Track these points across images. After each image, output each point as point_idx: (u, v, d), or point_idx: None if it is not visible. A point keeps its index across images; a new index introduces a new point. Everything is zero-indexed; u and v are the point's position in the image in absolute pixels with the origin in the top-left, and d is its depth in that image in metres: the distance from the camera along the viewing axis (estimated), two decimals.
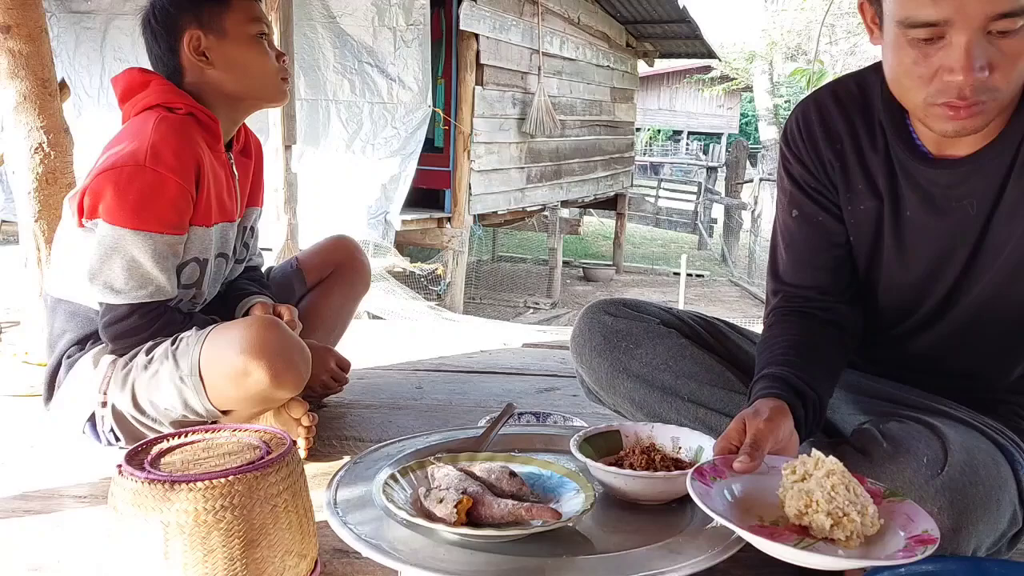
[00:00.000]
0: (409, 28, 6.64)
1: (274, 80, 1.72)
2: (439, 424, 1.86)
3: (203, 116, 1.65)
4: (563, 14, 9.04)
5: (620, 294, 10.86)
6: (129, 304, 1.57)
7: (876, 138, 1.29)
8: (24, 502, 1.50)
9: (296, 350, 1.53)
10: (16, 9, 2.32)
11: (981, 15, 1.03)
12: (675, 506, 1.20)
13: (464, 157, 7.55)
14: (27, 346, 2.41)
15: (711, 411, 1.41)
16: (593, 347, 1.51)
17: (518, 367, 2.50)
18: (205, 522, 1.04)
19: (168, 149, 1.55)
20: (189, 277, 1.66)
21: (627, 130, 11.98)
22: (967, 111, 1.08)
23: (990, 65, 1.05)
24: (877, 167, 1.30)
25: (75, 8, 6.92)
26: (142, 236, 1.54)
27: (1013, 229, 1.20)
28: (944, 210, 1.24)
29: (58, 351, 1.68)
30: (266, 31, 1.71)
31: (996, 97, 1.08)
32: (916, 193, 1.26)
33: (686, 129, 29.59)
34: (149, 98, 1.64)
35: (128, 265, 1.54)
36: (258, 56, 1.69)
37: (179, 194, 1.56)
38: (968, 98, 1.07)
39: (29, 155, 2.37)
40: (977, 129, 1.12)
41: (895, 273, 1.33)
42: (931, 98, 1.10)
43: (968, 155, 1.20)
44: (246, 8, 1.68)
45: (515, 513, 1.07)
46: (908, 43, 1.09)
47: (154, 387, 1.54)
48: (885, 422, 1.22)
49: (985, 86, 1.06)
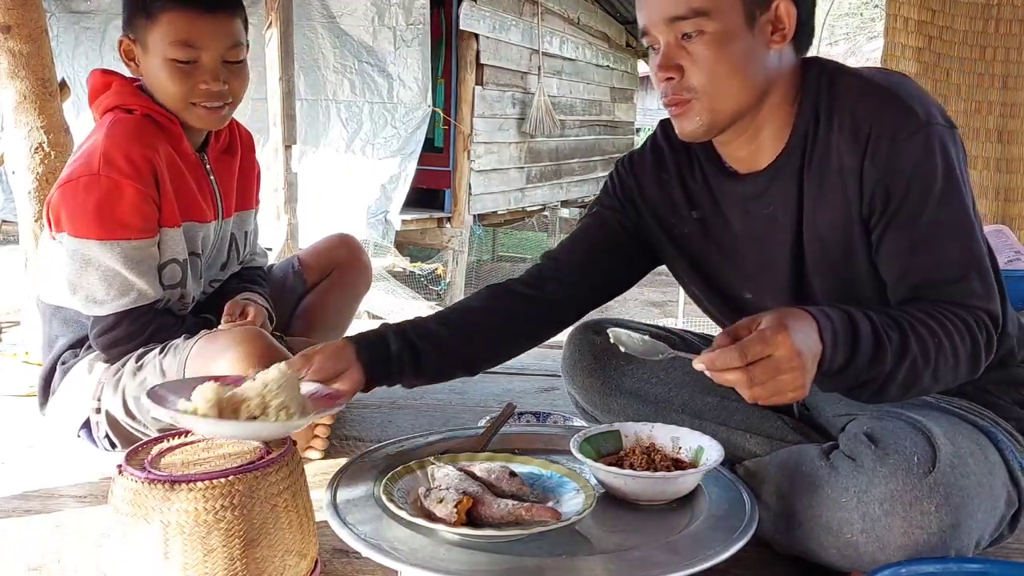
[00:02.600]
0: (409, 28, 6.64)
1: (182, 105, 1.61)
2: (439, 424, 1.86)
3: (160, 117, 1.62)
4: (563, 14, 9.04)
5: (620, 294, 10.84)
6: (115, 313, 1.57)
7: (694, 166, 1.40)
8: (24, 502, 1.50)
9: (280, 358, 1.52)
10: (16, 9, 2.32)
11: (657, 19, 1.19)
12: (675, 506, 1.20)
13: (464, 157, 7.55)
14: (27, 346, 2.41)
15: (705, 421, 1.42)
16: (584, 367, 1.52)
17: (518, 367, 2.50)
18: (205, 522, 1.04)
19: (119, 154, 1.53)
20: (171, 278, 1.65)
21: (627, 130, 11.98)
22: (676, 108, 1.23)
23: (678, 67, 1.20)
24: (698, 192, 1.40)
25: (75, 8, 6.92)
26: (109, 245, 1.52)
27: (820, 223, 1.25)
28: (757, 218, 1.32)
29: (52, 356, 1.68)
30: (193, 55, 1.58)
31: (698, 97, 1.21)
32: (734, 208, 1.35)
33: None
34: (109, 99, 1.63)
35: (104, 275, 1.54)
36: (168, 79, 1.59)
37: (138, 198, 1.54)
38: (669, 95, 1.22)
39: (29, 155, 2.37)
40: (699, 128, 1.24)
41: (737, 284, 1.40)
42: (662, 100, 1.25)
43: (767, 166, 1.29)
44: (171, 29, 1.56)
45: (515, 513, 1.07)
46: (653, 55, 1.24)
47: (141, 392, 1.53)
48: (867, 422, 1.22)
49: (683, 86, 1.20)
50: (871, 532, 1.09)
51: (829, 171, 1.23)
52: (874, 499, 1.09)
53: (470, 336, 1.42)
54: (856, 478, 1.12)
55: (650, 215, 1.46)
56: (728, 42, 1.18)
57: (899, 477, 1.09)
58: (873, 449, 1.14)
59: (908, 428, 1.16)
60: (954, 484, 1.08)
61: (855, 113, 1.20)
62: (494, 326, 1.44)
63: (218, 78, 1.60)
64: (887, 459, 1.11)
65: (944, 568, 1.07)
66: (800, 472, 1.20)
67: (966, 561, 1.09)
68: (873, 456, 1.12)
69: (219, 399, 1.09)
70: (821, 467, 1.17)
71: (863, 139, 1.18)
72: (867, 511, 1.09)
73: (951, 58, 4.05)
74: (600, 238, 1.49)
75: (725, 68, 1.19)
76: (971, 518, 1.09)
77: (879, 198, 1.19)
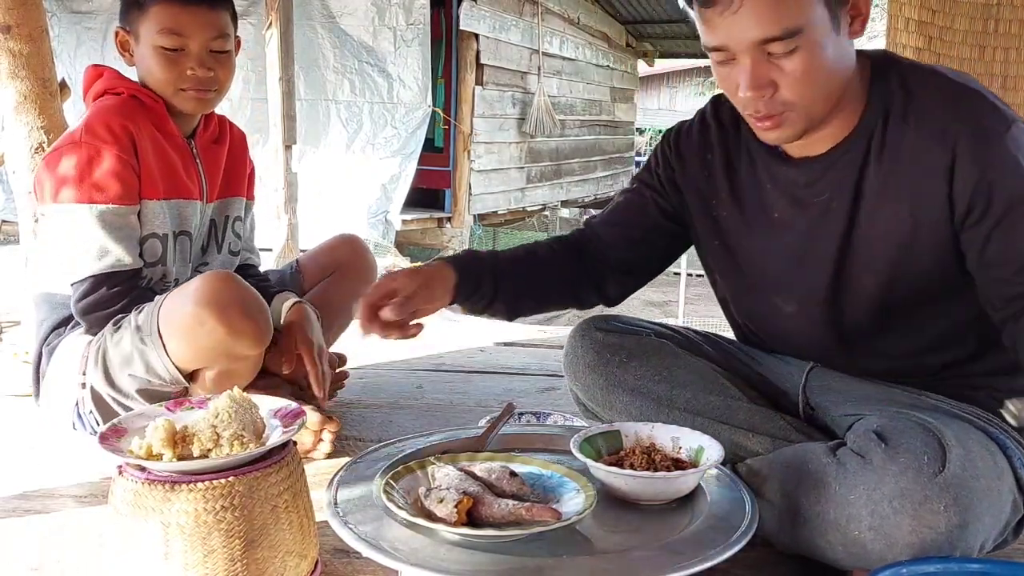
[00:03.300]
0: (409, 28, 6.64)
1: (169, 90, 1.70)
2: (439, 424, 1.86)
3: (145, 98, 1.70)
4: (563, 14, 9.04)
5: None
6: (93, 276, 1.60)
7: (742, 147, 1.39)
8: (24, 502, 1.50)
9: (251, 300, 1.53)
10: (17, 9, 2.32)
11: (748, 41, 1.13)
12: (675, 506, 1.20)
13: (464, 157, 7.55)
14: (27, 346, 2.41)
15: (708, 419, 1.41)
16: (586, 363, 1.51)
17: (518, 367, 2.50)
18: (205, 522, 1.04)
19: (100, 123, 1.61)
20: (151, 254, 1.69)
21: (627, 130, 11.98)
22: (770, 122, 1.20)
23: (772, 83, 1.15)
24: (744, 174, 1.39)
25: (76, 8, 6.92)
26: (87, 208, 1.58)
27: (880, 217, 1.25)
28: (807, 206, 1.31)
29: (39, 340, 1.72)
30: (180, 43, 1.67)
31: (794, 109, 1.18)
32: (781, 194, 1.34)
33: None
34: (98, 87, 1.73)
35: (84, 238, 1.59)
36: (156, 65, 1.68)
37: (118, 164, 1.60)
38: (762, 112, 1.18)
39: (29, 155, 2.37)
40: (792, 137, 1.22)
41: (772, 276, 1.39)
42: (741, 110, 1.23)
43: (825, 152, 1.27)
44: (161, 19, 1.66)
45: (515, 513, 1.07)
46: (713, 64, 1.21)
47: (119, 355, 1.55)
48: (877, 421, 1.21)
49: (775, 101, 1.17)
50: (880, 530, 1.09)
51: (900, 167, 1.22)
52: (884, 496, 1.09)
53: (535, 286, 1.49)
54: (865, 475, 1.12)
55: (690, 195, 1.46)
56: (820, 50, 1.15)
57: (910, 475, 1.09)
58: (883, 447, 1.13)
59: (918, 428, 1.15)
60: (963, 485, 1.08)
61: (938, 111, 1.19)
62: (553, 279, 1.51)
63: (204, 64, 1.69)
64: (897, 457, 1.11)
65: (945, 568, 1.07)
66: (806, 469, 1.20)
67: (967, 561, 1.09)
68: (883, 454, 1.12)
69: (172, 436, 1.09)
70: (828, 464, 1.17)
71: (950, 138, 1.16)
72: (876, 508, 1.09)
73: (951, 58, 4.04)
74: (636, 220, 1.52)
75: (821, 76, 1.16)
76: (978, 520, 1.09)
77: (980, 198, 1.16)
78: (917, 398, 1.32)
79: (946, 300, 1.28)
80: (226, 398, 1.13)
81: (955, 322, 1.30)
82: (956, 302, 1.28)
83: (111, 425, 1.17)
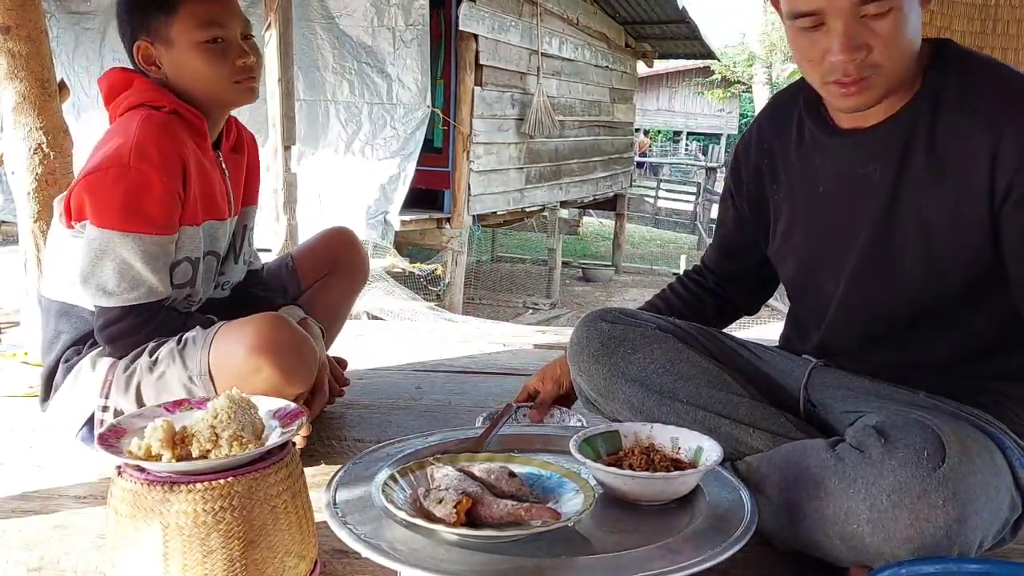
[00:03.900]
0: (408, 29, 6.64)
1: (226, 84, 1.65)
2: (438, 424, 1.86)
3: (188, 114, 1.64)
4: (562, 15, 9.04)
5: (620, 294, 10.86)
6: (122, 306, 1.56)
7: (793, 128, 1.44)
8: (23, 502, 1.50)
9: (305, 345, 1.54)
10: (15, 10, 2.32)
11: (846, 3, 1.16)
12: (674, 506, 1.20)
13: (463, 157, 7.55)
14: (26, 347, 2.41)
15: (710, 413, 1.41)
16: (591, 353, 1.51)
17: (517, 367, 2.50)
18: (204, 523, 1.04)
19: (152, 148, 1.53)
20: (182, 276, 1.65)
21: (626, 130, 11.98)
22: (856, 86, 1.21)
23: (867, 45, 1.18)
24: (796, 152, 1.43)
25: (74, 9, 6.92)
26: (130, 237, 1.52)
27: (922, 194, 1.27)
28: (851, 177, 1.34)
29: (55, 354, 1.67)
30: (221, 33, 1.63)
31: (880, 72, 1.20)
32: (829, 164, 1.37)
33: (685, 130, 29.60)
34: (132, 97, 1.63)
35: (119, 267, 1.53)
36: (205, 63, 1.62)
37: (166, 193, 1.54)
38: (853, 75, 1.20)
39: (28, 156, 2.37)
40: (870, 102, 1.24)
41: (818, 244, 1.42)
42: (824, 77, 1.23)
43: (874, 124, 1.30)
44: (194, 14, 1.60)
45: (514, 513, 1.07)
46: (797, 32, 1.23)
47: (162, 388, 1.53)
48: (877, 417, 1.22)
49: (866, 64, 1.19)
50: (878, 523, 1.10)
51: (947, 147, 1.24)
52: (882, 490, 1.10)
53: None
54: (864, 469, 1.12)
55: (760, 195, 1.53)
56: (908, 13, 1.18)
57: (908, 469, 1.10)
58: (882, 442, 1.14)
59: (918, 424, 1.16)
60: (962, 480, 1.09)
61: (992, 98, 1.22)
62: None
63: (246, 52, 1.66)
64: (896, 452, 1.12)
65: (944, 568, 1.07)
66: (806, 464, 1.20)
67: (966, 561, 1.09)
68: (882, 448, 1.13)
69: (171, 436, 1.09)
70: (828, 459, 1.18)
71: (999, 125, 1.19)
72: (874, 502, 1.10)
73: None
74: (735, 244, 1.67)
75: (906, 40, 1.19)
76: (976, 516, 1.10)
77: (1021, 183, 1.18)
78: (917, 397, 1.33)
79: (978, 297, 1.29)
80: (225, 399, 1.13)
81: (984, 321, 1.31)
82: (987, 301, 1.29)
83: (110, 426, 1.17)
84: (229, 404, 1.12)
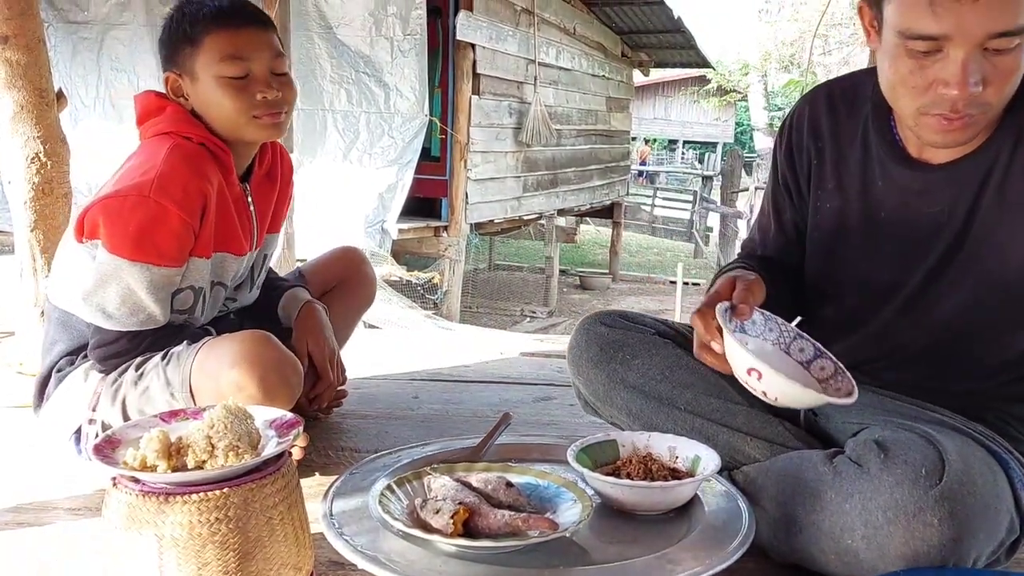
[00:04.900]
0: (406, 38, 6.65)
1: (244, 119, 1.62)
2: (435, 434, 1.85)
3: (215, 147, 1.63)
4: (559, 24, 9.07)
5: (617, 302, 10.86)
6: (118, 331, 1.57)
7: (857, 138, 1.35)
8: (17, 514, 1.49)
9: (288, 365, 1.53)
10: (14, 19, 2.32)
11: (980, 33, 1.06)
12: (672, 516, 1.20)
13: (461, 166, 7.56)
14: (21, 357, 2.40)
15: (708, 421, 1.41)
16: (590, 358, 1.51)
17: (515, 376, 2.50)
18: (200, 535, 1.03)
19: (175, 181, 1.52)
20: (182, 304, 1.64)
21: (623, 139, 12.01)
22: (959, 123, 1.13)
23: (984, 81, 1.09)
24: (855, 167, 1.36)
25: (72, 18, 6.92)
26: (140, 267, 1.52)
27: (991, 239, 1.24)
28: (918, 211, 1.29)
29: (49, 361, 1.68)
30: (243, 67, 1.60)
31: (986, 111, 1.13)
32: (892, 193, 1.32)
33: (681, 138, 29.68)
34: (162, 124, 1.63)
35: (123, 293, 1.53)
36: (225, 97, 1.60)
37: (181, 227, 1.54)
38: (961, 111, 1.11)
39: (25, 165, 2.36)
40: (965, 141, 1.18)
41: (866, 268, 1.37)
42: (925, 108, 1.14)
43: (947, 162, 1.25)
44: (218, 48, 1.59)
45: (512, 524, 1.07)
46: (906, 53, 1.12)
47: (145, 402, 1.53)
48: (880, 432, 1.21)
49: (978, 101, 1.11)
50: (872, 539, 1.09)
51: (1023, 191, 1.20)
52: (878, 506, 1.09)
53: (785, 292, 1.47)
54: (861, 484, 1.12)
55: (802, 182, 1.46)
56: None
57: (905, 486, 1.09)
58: (882, 457, 1.13)
59: (920, 440, 1.15)
60: (960, 500, 1.08)
61: None
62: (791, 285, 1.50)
63: (271, 86, 1.62)
64: (894, 467, 1.11)
65: None
66: (803, 477, 1.20)
67: (961, 572, 1.09)
68: (880, 463, 1.12)
69: (167, 447, 1.08)
70: (825, 472, 1.17)
71: None
72: (870, 518, 1.09)
73: None
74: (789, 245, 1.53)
75: (1016, 79, 1.13)
76: (972, 536, 1.09)
77: None
78: (922, 411, 1.31)
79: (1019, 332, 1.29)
80: (221, 409, 1.13)
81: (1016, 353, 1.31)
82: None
83: (105, 436, 1.16)
84: (225, 414, 1.12)
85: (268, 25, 1.69)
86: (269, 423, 1.20)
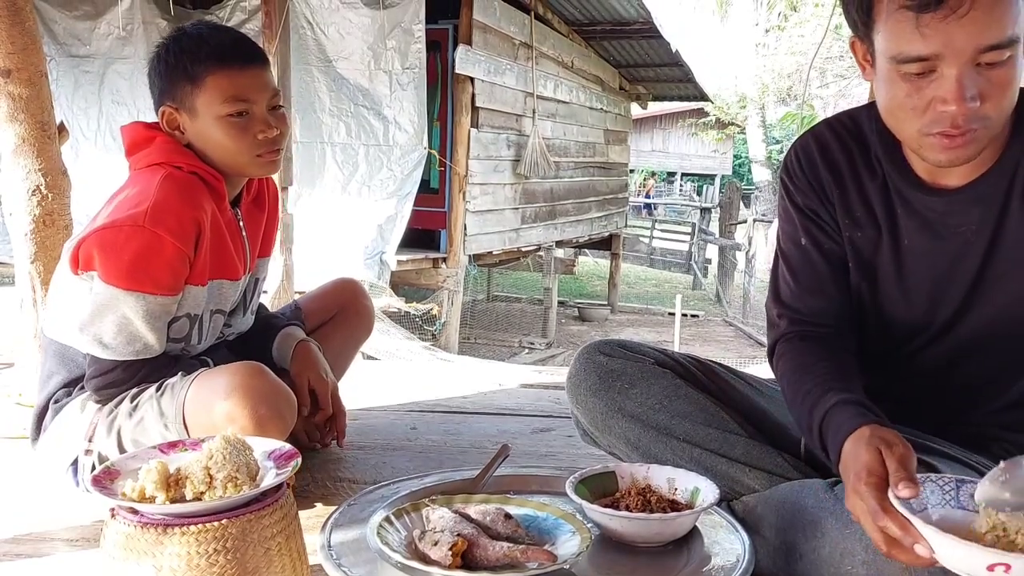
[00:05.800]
0: (405, 72, 6.71)
1: (247, 158, 1.64)
2: (434, 465, 1.85)
3: (208, 176, 1.64)
4: (557, 58, 9.16)
5: (615, 334, 10.85)
6: (115, 360, 1.57)
7: (873, 168, 1.33)
8: (15, 545, 1.48)
9: (282, 396, 1.53)
10: (17, 54, 2.35)
11: (970, 49, 1.07)
12: (671, 548, 1.20)
13: (459, 198, 7.59)
14: (20, 388, 2.40)
15: (706, 451, 1.41)
16: (588, 387, 1.52)
17: (513, 407, 2.50)
18: (198, 566, 1.03)
19: (169, 211, 1.53)
20: (178, 332, 1.65)
21: (621, 171, 12.08)
22: (961, 139, 1.13)
23: (981, 95, 1.09)
24: (875, 196, 1.34)
25: (75, 52, 6.99)
26: (135, 296, 1.52)
27: (1019, 256, 1.24)
28: (942, 237, 1.29)
29: (46, 393, 1.68)
30: (245, 107, 1.62)
31: (987, 125, 1.13)
32: (914, 221, 1.30)
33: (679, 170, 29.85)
34: (153, 155, 1.63)
35: (119, 323, 1.54)
36: (227, 137, 1.62)
37: (176, 256, 1.54)
38: (961, 127, 1.11)
39: (27, 197, 2.38)
40: (970, 158, 1.17)
41: (895, 300, 1.35)
42: (925, 128, 1.14)
43: (965, 184, 1.25)
44: (221, 88, 1.61)
45: (510, 555, 1.07)
46: (901, 77, 1.13)
47: (140, 433, 1.54)
48: None
49: (976, 115, 1.11)
50: (873, 565, 1.09)
51: None
52: None
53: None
54: None
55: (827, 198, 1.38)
56: (1020, 64, 1.12)
57: None
58: None
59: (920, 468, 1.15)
60: None
61: None
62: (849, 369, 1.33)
63: (271, 125, 1.64)
64: None
65: None
66: (803, 504, 1.20)
67: None
68: None
69: (165, 478, 1.08)
70: (826, 499, 1.18)
71: None
72: (870, 544, 1.09)
73: None
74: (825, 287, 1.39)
75: (1015, 91, 1.13)
76: None
77: None
78: (925, 443, 1.31)
79: None
80: (220, 440, 1.13)
81: None
82: None
83: (104, 468, 1.16)
84: (224, 445, 1.12)
85: (266, 62, 1.71)
86: (267, 454, 1.20)
